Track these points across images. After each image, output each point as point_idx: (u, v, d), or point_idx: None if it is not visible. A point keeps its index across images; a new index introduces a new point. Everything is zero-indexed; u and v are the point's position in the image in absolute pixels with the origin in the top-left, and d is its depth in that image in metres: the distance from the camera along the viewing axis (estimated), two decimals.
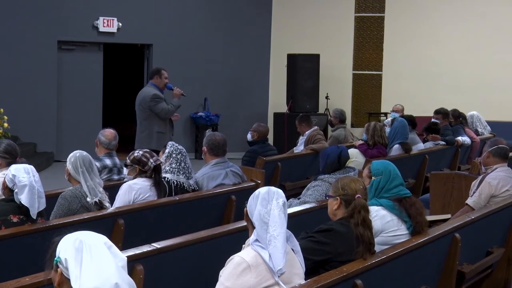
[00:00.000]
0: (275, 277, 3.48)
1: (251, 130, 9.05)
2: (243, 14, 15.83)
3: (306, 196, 6.20)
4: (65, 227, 4.69)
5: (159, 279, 4.29)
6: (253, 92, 16.07)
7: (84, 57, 14.32)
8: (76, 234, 2.62)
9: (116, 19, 14.42)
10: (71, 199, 5.35)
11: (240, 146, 12.96)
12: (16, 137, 12.61)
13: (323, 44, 15.78)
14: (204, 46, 15.32)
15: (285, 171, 8.69)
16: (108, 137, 7.08)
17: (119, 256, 2.60)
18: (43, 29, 13.72)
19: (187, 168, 6.36)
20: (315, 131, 9.83)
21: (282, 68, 15.48)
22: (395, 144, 9.20)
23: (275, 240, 3.50)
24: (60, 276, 2.58)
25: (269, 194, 3.62)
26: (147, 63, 15.22)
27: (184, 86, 14.98)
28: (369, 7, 15.97)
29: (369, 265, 4.09)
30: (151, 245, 4.29)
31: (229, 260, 3.56)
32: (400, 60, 15.64)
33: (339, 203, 4.33)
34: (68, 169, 5.45)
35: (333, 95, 15.62)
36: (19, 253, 4.70)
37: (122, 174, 6.93)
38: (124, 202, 5.83)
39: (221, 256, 3.76)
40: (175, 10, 15.08)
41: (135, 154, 6.00)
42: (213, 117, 15.19)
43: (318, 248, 4.14)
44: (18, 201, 4.79)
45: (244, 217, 3.75)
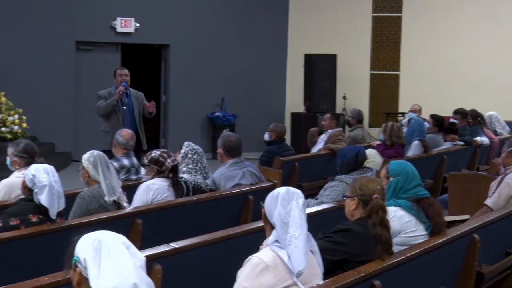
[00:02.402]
0: (293, 277, 3.47)
1: (268, 130, 9.04)
2: (260, 14, 15.82)
3: (324, 196, 6.19)
4: (83, 226, 4.71)
5: (177, 278, 4.30)
6: (270, 92, 16.06)
7: (102, 58, 14.38)
8: (94, 233, 2.63)
9: (134, 19, 14.47)
10: (89, 199, 5.37)
11: (257, 146, 12.97)
12: (35, 137, 12.68)
13: (340, 44, 15.75)
14: (221, 46, 15.33)
15: (302, 171, 8.68)
16: (125, 137, 7.11)
17: (137, 255, 2.61)
18: (61, 29, 13.79)
19: (204, 168, 6.36)
20: (338, 132, 9.81)
21: (299, 68, 15.46)
22: (414, 140, 9.17)
23: (296, 240, 3.50)
24: (79, 276, 2.59)
25: (289, 195, 3.61)
26: (164, 64, 15.26)
27: (201, 86, 15.10)
28: (387, 7, 15.92)
29: (387, 265, 4.08)
30: (169, 245, 4.30)
31: (247, 260, 3.55)
32: (417, 60, 15.58)
33: (356, 204, 4.32)
34: (88, 169, 5.46)
35: (350, 95, 15.59)
36: (38, 253, 4.72)
37: (140, 174, 6.94)
38: (142, 202, 5.84)
39: (238, 256, 3.76)
40: (193, 11, 15.10)
41: (153, 154, 6.01)
42: (230, 117, 15.20)
43: (336, 248, 4.13)
44: (38, 201, 4.81)
45: (262, 218, 3.75)
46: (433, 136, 9.82)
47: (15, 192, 5.65)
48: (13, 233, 4.66)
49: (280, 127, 9.15)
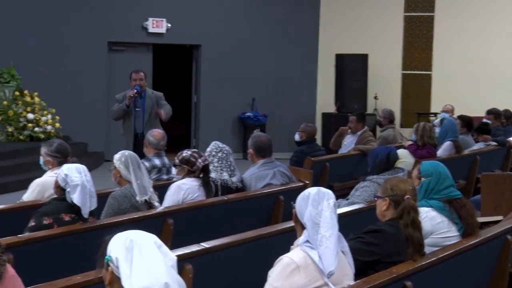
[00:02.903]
0: (324, 278, 3.47)
1: (299, 131, 9.03)
2: (291, 14, 15.80)
3: (355, 196, 6.17)
4: (115, 226, 4.74)
5: (208, 278, 4.31)
6: (301, 92, 16.04)
7: (134, 58, 14.46)
8: (126, 233, 2.64)
9: (165, 20, 14.54)
10: (121, 199, 5.41)
11: (288, 146, 12.95)
12: (68, 137, 12.80)
13: (372, 44, 15.67)
14: (252, 46, 15.34)
15: (333, 171, 8.65)
16: (156, 137, 7.14)
17: (168, 255, 2.62)
18: (94, 30, 13.91)
19: (229, 165, 6.37)
20: (367, 132, 9.78)
21: (330, 68, 15.42)
22: (447, 141, 9.10)
23: (327, 241, 3.49)
24: (111, 275, 2.61)
25: (319, 195, 3.60)
26: (195, 64, 15.32)
27: (232, 86, 15.13)
28: (419, 6, 15.81)
29: (419, 266, 4.05)
30: (200, 245, 4.31)
31: (277, 260, 3.55)
32: (450, 59, 15.45)
33: (388, 204, 4.30)
34: (119, 168, 5.50)
35: (382, 95, 15.51)
36: (70, 252, 4.76)
37: (171, 174, 6.97)
38: (173, 202, 5.86)
39: (269, 256, 3.75)
40: (224, 11, 15.13)
41: (184, 154, 6.03)
42: (261, 117, 15.20)
43: (367, 249, 4.11)
44: (70, 200, 4.85)
45: (293, 218, 3.74)
46: (463, 137, 9.74)
47: (48, 192, 5.70)
48: (46, 232, 4.70)
49: (310, 127, 9.13)
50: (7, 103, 12.49)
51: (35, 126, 12.58)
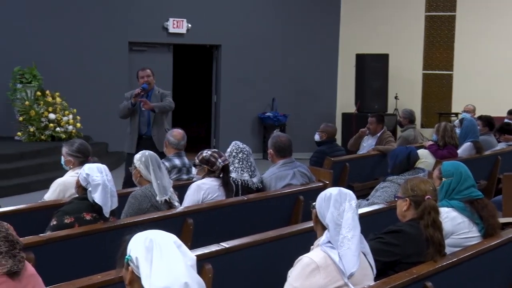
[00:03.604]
0: (344, 278, 3.46)
1: (318, 131, 9.01)
2: (311, 14, 15.79)
3: (375, 197, 6.15)
4: (135, 226, 4.76)
5: (227, 278, 4.31)
6: (321, 92, 16.02)
7: (154, 58, 14.51)
8: (146, 233, 2.65)
9: (186, 20, 14.58)
10: (141, 199, 5.43)
11: (307, 147, 12.94)
12: (89, 137, 12.87)
13: (393, 44, 15.62)
14: (272, 46, 15.34)
15: (353, 171, 8.63)
16: (176, 137, 7.16)
17: (188, 255, 2.63)
18: (115, 30, 13.98)
19: (250, 166, 6.37)
20: (386, 133, 9.76)
21: (350, 68, 15.38)
22: (467, 142, 9.05)
23: (349, 242, 3.49)
24: (131, 274, 2.62)
25: (341, 196, 3.60)
26: (215, 64, 15.34)
27: (252, 86, 15.13)
28: (440, 6, 15.73)
29: (440, 267, 4.04)
30: (220, 245, 4.31)
31: (297, 260, 3.55)
32: (471, 59, 15.36)
33: (408, 204, 4.29)
34: (140, 168, 5.52)
35: (403, 95, 15.45)
36: (91, 251, 4.79)
37: (191, 174, 6.98)
38: (193, 202, 5.87)
39: (289, 256, 3.76)
40: (244, 11, 15.15)
41: (204, 154, 6.04)
42: (281, 117, 15.19)
43: (387, 249, 4.10)
44: (92, 199, 4.88)
45: (313, 219, 3.74)
46: (486, 138, 9.68)
47: (69, 191, 5.74)
48: (68, 231, 4.73)
49: (330, 127, 9.11)
50: (29, 103, 12.58)
51: (56, 126, 12.66)
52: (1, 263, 3.14)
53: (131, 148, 8.57)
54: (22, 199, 9.07)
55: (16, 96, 12.79)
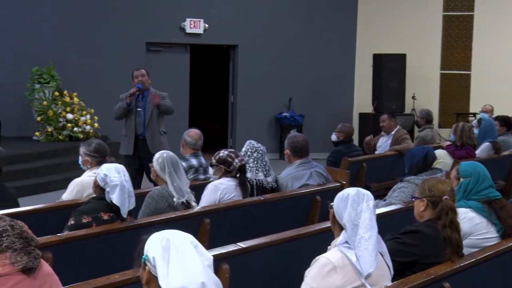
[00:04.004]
0: (361, 278, 3.45)
1: (336, 131, 8.99)
2: (328, 14, 15.76)
3: (392, 197, 6.14)
4: (152, 225, 4.77)
5: (244, 278, 4.31)
6: (338, 92, 15.98)
7: (171, 58, 14.55)
8: (163, 232, 2.66)
9: (203, 20, 14.60)
10: (158, 198, 5.44)
11: (324, 147, 12.92)
12: (106, 137, 12.91)
13: (410, 43, 15.55)
14: (289, 46, 15.33)
15: (370, 171, 8.61)
16: (193, 137, 7.17)
17: (205, 255, 2.63)
18: (132, 31, 14.02)
19: (265, 165, 6.37)
20: (401, 131, 9.73)
21: (367, 68, 15.34)
22: (485, 142, 9.01)
23: (366, 242, 3.48)
24: (148, 274, 2.62)
25: (359, 196, 3.59)
26: (232, 64, 15.35)
27: (269, 87, 15.13)
28: (458, 5, 15.64)
29: (457, 268, 4.02)
30: (237, 245, 4.32)
31: (314, 260, 3.55)
32: (489, 59, 15.26)
33: (425, 205, 4.27)
34: (156, 169, 5.54)
35: (420, 95, 15.39)
36: (109, 250, 4.81)
37: (208, 174, 6.99)
38: (210, 202, 5.88)
39: (306, 256, 3.75)
40: (261, 11, 15.15)
41: (221, 154, 6.05)
42: (298, 118, 15.18)
43: (404, 249, 4.09)
44: (109, 200, 4.89)
45: (330, 219, 3.73)
46: (504, 138, 9.63)
47: (87, 191, 5.76)
48: (85, 231, 4.75)
49: (348, 127, 9.10)
50: (47, 103, 12.65)
51: (74, 126, 12.71)
52: (16, 260, 3.16)
53: (129, 149, 8.56)
54: (40, 199, 9.12)
55: (34, 96, 12.87)
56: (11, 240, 3.19)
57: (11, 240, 3.19)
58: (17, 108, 13.24)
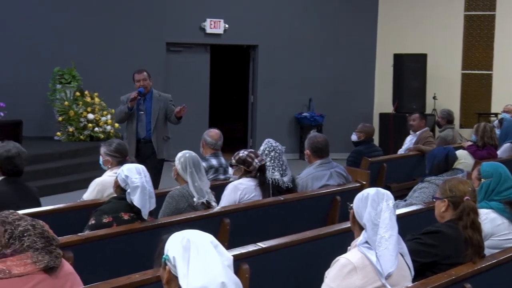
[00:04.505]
0: (382, 279, 3.44)
1: (356, 131, 8.97)
2: (348, 14, 15.72)
3: (413, 198, 6.11)
4: (172, 225, 4.78)
5: (264, 278, 4.31)
6: (358, 92, 15.94)
7: (191, 59, 14.59)
8: (183, 232, 2.66)
9: (223, 20, 14.62)
10: (178, 198, 5.45)
11: (344, 147, 12.88)
12: None
13: (431, 43, 15.47)
14: (309, 46, 15.31)
15: (390, 172, 8.58)
16: (213, 137, 7.18)
17: (225, 255, 2.63)
18: (152, 31, 14.07)
19: (281, 165, 6.35)
20: (427, 132, 9.69)
21: (388, 68, 15.28)
22: (506, 143, 8.95)
23: (386, 242, 3.47)
24: (168, 274, 2.63)
25: (378, 196, 3.58)
26: (252, 64, 15.35)
27: (289, 87, 15.12)
28: (479, 5, 15.54)
29: (479, 269, 4.00)
30: (257, 245, 4.32)
31: (334, 261, 3.54)
32: (511, 59, 15.15)
33: (446, 205, 4.25)
34: (177, 168, 5.55)
35: (441, 95, 15.31)
36: (129, 250, 4.82)
37: (228, 174, 7.00)
38: (229, 202, 5.89)
39: (326, 256, 3.74)
40: (281, 11, 15.14)
41: (240, 155, 6.05)
42: (318, 118, 15.15)
43: (425, 250, 4.07)
44: (130, 201, 4.90)
45: (350, 219, 3.72)
46: None
47: (107, 191, 5.79)
48: (106, 231, 4.77)
49: (368, 127, 9.08)
50: (68, 103, 12.73)
51: (95, 126, 12.78)
52: (38, 259, 3.18)
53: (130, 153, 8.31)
54: (61, 199, 9.17)
55: (56, 96, 12.96)
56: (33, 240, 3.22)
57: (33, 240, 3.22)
58: (39, 108, 13.34)
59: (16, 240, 3.22)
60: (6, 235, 3.23)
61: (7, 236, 3.23)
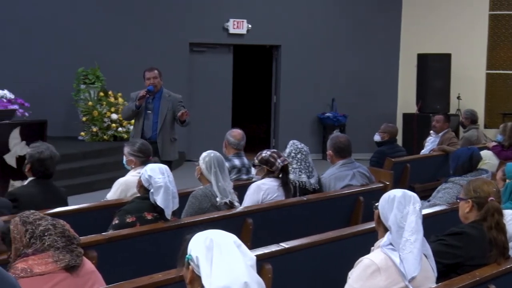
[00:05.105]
0: (405, 281, 3.42)
1: (380, 132, 8.93)
2: (372, 14, 15.66)
3: (437, 198, 6.08)
4: (195, 225, 4.79)
5: (287, 278, 4.31)
6: (382, 93, 15.87)
7: (215, 59, 14.61)
8: (206, 232, 2.67)
9: (246, 20, 14.63)
10: (201, 198, 5.46)
11: (367, 147, 12.83)
12: None
13: (455, 43, 15.36)
14: (332, 46, 15.27)
15: (414, 172, 8.53)
16: (236, 137, 7.18)
17: (248, 255, 2.63)
18: (175, 31, 14.11)
19: (308, 167, 6.34)
20: (450, 133, 9.64)
21: (411, 68, 15.20)
22: None
23: (411, 245, 3.45)
24: (192, 274, 2.64)
25: (405, 198, 3.56)
26: (275, 64, 15.35)
27: (312, 87, 15.10)
28: (505, 4, 15.41)
29: (503, 270, 3.97)
30: (280, 245, 4.32)
31: (358, 262, 3.53)
32: None
33: (471, 206, 4.22)
34: (201, 168, 5.56)
35: (465, 95, 15.19)
36: (152, 250, 4.84)
37: (251, 174, 7.00)
38: (252, 202, 5.89)
39: (349, 257, 3.73)
40: (304, 11, 15.12)
41: (263, 155, 6.05)
42: (341, 118, 15.12)
43: (449, 251, 4.04)
44: (154, 201, 4.92)
45: (375, 219, 3.71)
46: None
47: (131, 191, 5.81)
48: (129, 230, 4.79)
49: (391, 127, 9.04)
50: (92, 103, 12.81)
51: (118, 126, 12.84)
52: (59, 258, 3.21)
53: None
54: (85, 198, 9.22)
55: (80, 96, 13.04)
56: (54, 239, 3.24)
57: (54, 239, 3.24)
58: (63, 108, 13.44)
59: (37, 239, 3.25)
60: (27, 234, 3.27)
61: (28, 236, 3.26)
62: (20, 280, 3.11)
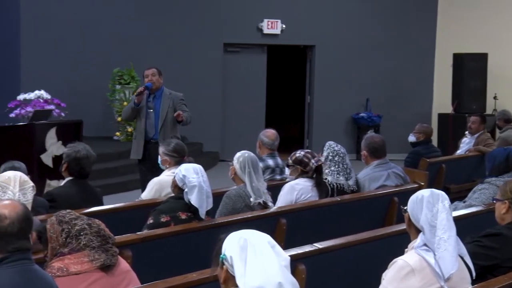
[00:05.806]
0: (440, 281, 3.40)
1: (414, 132, 8.87)
2: (407, 13, 15.57)
3: (472, 199, 6.02)
4: (229, 225, 4.80)
5: (321, 279, 4.30)
6: (417, 92, 15.77)
7: (249, 59, 14.63)
8: (241, 232, 2.67)
9: (280, 21, 14.64)
10: (235, 198, 5.48)
11: (402, 147, 12.75)
12: (184, 137, 13.04)
13: (492, 43, 15.18)
14: (366, 46, 15.20)
15: (449, 173, 8.46)
16: (270, 137, 7.19)
17: (282, 255, 2.64)
18: (210, 32, 14.16)
19: (346, 168, 6.32)
20: (485, 134, 9.55)
21: (447, 67, 15.07)
22: None
23: (445, 243, 3.43)
24: (226, 273, 2.64)
25: (433, 197, 3.54)
26: (309, 65, 15.32)
27: (346, 87, 15.05)
28: None
29: None
30: (313, 245, 4.31)
31: (392, 263, 3.51)
32: None
33: (507, 207, 4.18)
34: (235, 168, 5.57)
35: (502, 95, 15.00)
36: (186, 249, 4.87)
37: (284, 174, 7.00)
38: (286, 202, 5.89)
39: (383, 258, 3.72)
40: (338, 11, 15.08)
41: (297, 155, 6.05)
42: (375, 118, 15.05)
43: (485, 253, 4.01)
44: (188, 200, 4.94)
45: (406, 222, 3.68)
46: None
47: (165, 190, 5.85)
48: (164, 230, 4.82)
49: (426, 127, 8.98)
50: (127, 104, 12.88)
51: None
52: (95, 257, 3.24)
53: (138, 153, 8.08)
54: (120, 198, 9.30)
55: (115, 97, 13.15)
56: (89, 239, 3.28)
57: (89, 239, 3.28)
58: (99, 108, 13.56)
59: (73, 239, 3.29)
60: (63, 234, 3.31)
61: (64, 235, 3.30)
62: (56, 279, 3.15)
